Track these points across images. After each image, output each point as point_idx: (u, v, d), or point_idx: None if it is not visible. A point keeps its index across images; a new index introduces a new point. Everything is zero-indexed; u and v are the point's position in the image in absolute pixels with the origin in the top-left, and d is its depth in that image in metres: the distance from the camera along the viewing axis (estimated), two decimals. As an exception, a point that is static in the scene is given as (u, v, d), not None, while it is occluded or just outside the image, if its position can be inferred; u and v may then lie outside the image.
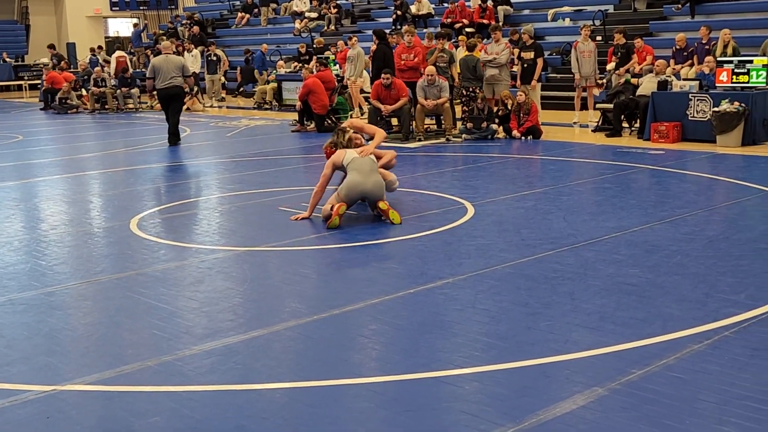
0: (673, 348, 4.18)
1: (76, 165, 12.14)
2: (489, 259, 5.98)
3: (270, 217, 7.70)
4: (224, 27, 30.33)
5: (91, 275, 5.88)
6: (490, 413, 3.51)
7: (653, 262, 5.79)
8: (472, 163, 10.99)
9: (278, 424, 3.49)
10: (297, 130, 15.54)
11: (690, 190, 8.71)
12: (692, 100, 12.36)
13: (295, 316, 4.85)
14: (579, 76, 14.67)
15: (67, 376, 4.02)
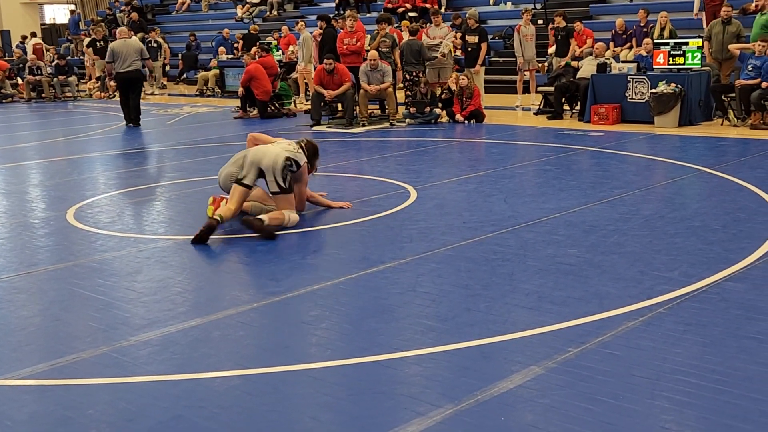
0: (609, 326, 4.25)
1: (11, 155, 11.85)
2: (431, 243, 6.00)
3: (211, 205, 7.61)
4: (164, 13, 29.84)
5: (25, 267, 5.75)
6: (430, 395, 3.53)
7: (591, 242, 5.88)
8: (416, 147, 11.01)
9: (216, 412, 3.45)
10: (240, 117, 15.40)
11: (628, 170, 8.85)
12: (630, 82, 12.56)
13: (234, 304, 4.81)
14: (522, 59, 14.79)
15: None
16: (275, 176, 6.44)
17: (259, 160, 6.47)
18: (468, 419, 3.31)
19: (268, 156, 6.47)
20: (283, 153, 6.51)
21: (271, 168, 6.44)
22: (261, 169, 6.48)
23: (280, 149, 6.57)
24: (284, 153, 6.52)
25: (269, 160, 6.44)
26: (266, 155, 6.48)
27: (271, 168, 6.44)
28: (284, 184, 6.46)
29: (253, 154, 6.53)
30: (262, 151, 6.53)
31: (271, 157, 6.46)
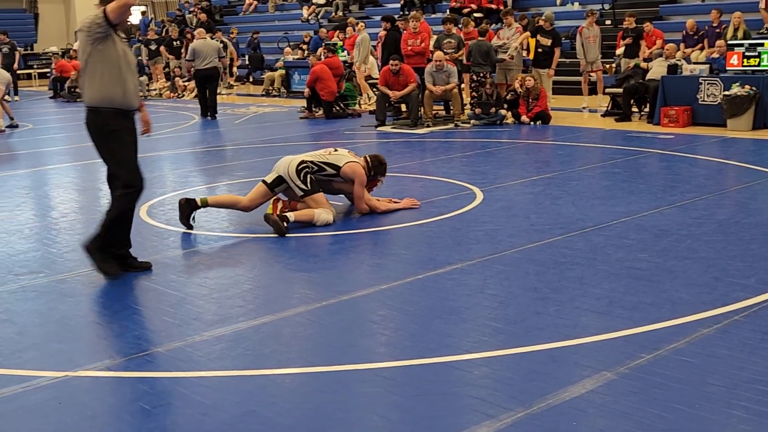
0: (683, 332, 4.18)
1: (85, 153, 12.14)
2: (498, 245, 5.98)
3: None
4: (232, 14, 30.29)
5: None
6: (499, 398, 3.52)
7: (662, 247, 5.78)
8: (481, 148, 10.97)
9: (287, 408, 3.51)
10: (305, 117, 15.54)
11: (700, 174, 8.68)
12: (702, 83, 12.30)
13: (304, 302, 4.86)
14: (585, 61, 14.61)
15: (78, 363, 4.05)
16: (293, 181, 6.76)
17: (278, 167, 6.89)
18: (539, 423, 3.29)
19: (283, 163, 6.88)
20: (297, 158, 6.87)
21: (286, 174, 6.80)
22: (280, 176, 6.85)
23: (297, 157, 6.92)
24: (299, 158, 6.88)
25: (284, 166, 6.85)
26: (282, 163, 6.89)
27: (286, 174, 6.80)
28: (307, 186, 6.75)
29: (279, 162, 6.95)
30: (281, 160, 6.94)
31: (285, 164, 6.86)
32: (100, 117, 5.27)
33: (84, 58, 5.26)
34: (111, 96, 5.24)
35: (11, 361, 4.11)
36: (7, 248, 6.37)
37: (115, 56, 5.24)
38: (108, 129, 5.28)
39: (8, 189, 9.08)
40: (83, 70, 5.29)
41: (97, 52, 5.20)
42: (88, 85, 5.26)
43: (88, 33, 5.17)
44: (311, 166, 6.85)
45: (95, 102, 5.25)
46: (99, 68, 5.21)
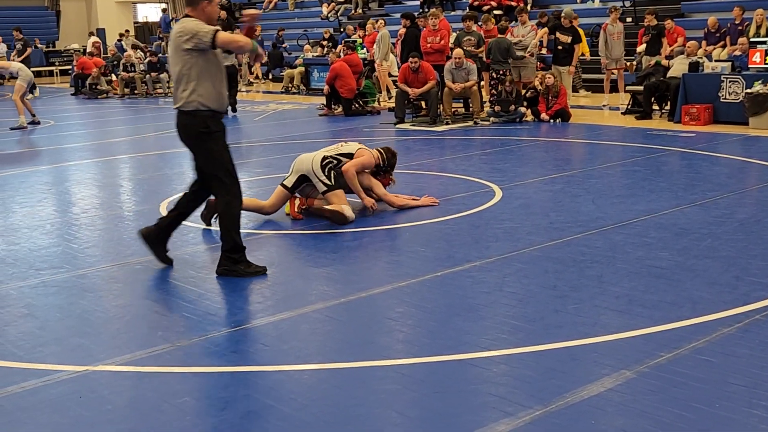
0: (703, 331, 4.15)
1: (106, 149, 12.25)
2: (516, 243, 5.96)
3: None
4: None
5: (121, 258, 5.95)
6: (518, 395, 3.51)
7: (683, 246, 5.74)
8: (500, 146, 10.94)
9: (306, 404, 3.51)
10: (324, 114, 15.56)
11: (721, 172, 8.61)
12: (724, 81, 12.20)
13: (322, 299, 4.87)
14: (608, 58, 14.54)
15: (99, 357, 4.08)
16: (317, 176, 6.77)
17: (299, 167, 6.88)
18: (558, 421, 3.28)
19: (305, 162, 6.88)
20: (320, 154, 6.90)
21: (310, 170, 6.81)
22: (303, 176, 6.85)
23: (317, 153, 6.95)
24: (321, 153, 6.91)
25: (306, 164, 6.86)
26: (304, 161, 6.90)
27: (310, 170, 6.81)
28: (330, 181, 6.77)
29: (297, 163, 6.93)
30: (301, 159, 6.94)
31: (307, 161, 6.87)
32: (197, 120, 5.29)
33: (180, 63, 5.25)
34: (209, 100, 5.28)
35: (32, 355, 4.14)
36: (28, 243, 6.43)
37: (213, 62, 5.31)
38: (207, 131, 5.31)
39: (30, 185, 9.16)
40: (179, 75, 5.28)
41: (195, 59, 5.23)
42: (186, 90, 5.25)
43: (188, 41, 5.19)
44: (332, 160, 6.90)
45: (193, 106, 5.26)
46: (197, 74, 5.24)
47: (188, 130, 5.36)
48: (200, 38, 5.17)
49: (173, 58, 5.31)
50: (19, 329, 4.52)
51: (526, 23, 14.76)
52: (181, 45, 5.22)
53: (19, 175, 9.85)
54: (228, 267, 5.35)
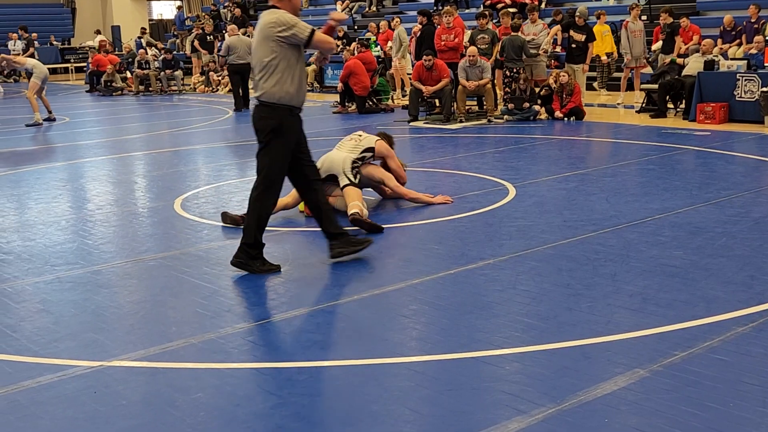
0: (717, 330, 4.13)
1: (121, 146, 12.31)
2: (530, 241, 5.95)
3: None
4: (266, 8, 30.40)
5: (136, 254, 5.98)
6: (531, 393, 3.51)
7: (697, 244, 5.72)
8: (514, 144, 10.92)
9: (319, 400, 3.52)
10: (338, 112, 15.57)
11: (736, 171, 8.57)
12: (740, 80, 12.13)
13: (336, 296, 4.89)
14: (630, 56, 14.46)
15: (113, 353, 4.11)
16: (346, 175, 6.82)
17: (329, 167, 6.90)
18: (570, 419, 3.28)
19: (336, 163, 6.90)
20: (349, 157, 6.94)
21: (341, 171, 6.84)
22: (330, 176, 6.88)
23: (346, 154, 6.98)
24: (350, 156, 6.95)
25: (338, 167, 6.88)
26: (334, 163, 6.91)
27: (341, 171, 6.84)
28: (355, 180, 6.82)
29: (325, 164, 6.92)
30: (331, 160, 6.95)
31: (338, 164, 6.89)
32: (275, 114, 5.33)
33: (268, 54, 5.26)
34: (289, 94, 5.33)
35: (47, 350, 4.17)
36: (44, 240, 6.47)
37: (299, 58, 5.37)
38: (279, 128, 5.34)
39: (45, 181, 9.22)
40: (265, 65, 5.28)
41: (284, 51, 5.26)
42: (268, 81, 5.27)
43: (283, 32, 5.22)
44: (359, 161, 6.98)
45: (274, 98, 5.29)
46: (283, 67, 5.26)
47: (264, 123, 5.37)
48: (297, 33, 5.22)
49: (261, 47, 5.29)
50: (34, 324, 4.56)
51: (536, 22, 14.73)
52: (273, 35, 5.23)
53: (35, 172, 9.91)
54: (243, 260, 5.37)
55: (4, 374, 3.89)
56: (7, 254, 6.07)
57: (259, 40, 5.32)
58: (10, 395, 3.66)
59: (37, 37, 31.35)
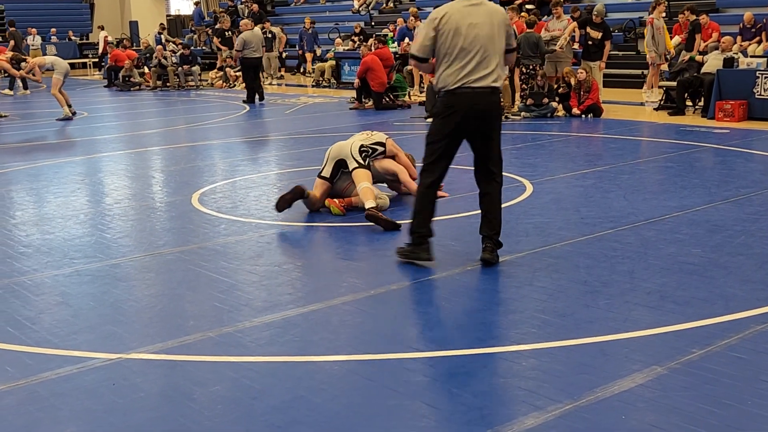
0: (736, 328, 4.11)
1: (139, 141, 12.37)
2: (547, 237, 5.94)
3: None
4: (283, 4, 30.48)
5: (154, 248, 6.02)
6: (548, 390, 3.51)
7: (716, 242, 5.69)
8: (531, 141, 10.89)
9: (336, 395, 3.54)
10: (355, 108, 15.58)
11: (756, 169, 8.51)
12: (760, 77, 12.05)
13: (352, 291, 4.89)
14: (655, 53, 14.35)
15: (131, 345, 4.14)
16: (354, 157, 6.91)
17: (337, 153, 7.00)
18: (587, 416, 3.27)
19: (343, 147, 7.01)
20: (356, 142, 7.06)
21: (348, 154, 6.94)
22: (339, 161, 6.97)
23: (353, 140, 7.11)
24: (357, 141, 7.07)
25: (345, 150, 6.98)
26: (341, 147, 7.03)
27: (348, 154, 6.94)
28: (363, 161, 6.92)
29: (333, 150, 7.05)
30: (338, 146, 7.06)
31: (345, 148, 7.00)
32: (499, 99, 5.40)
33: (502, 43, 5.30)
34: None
35: (67, 342, 4.21)
36: (63, 233, 6.52)
37: None
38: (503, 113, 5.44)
39: (64, 175, 9.28)
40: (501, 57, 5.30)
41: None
42: (498, 69, 5.29)
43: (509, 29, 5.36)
44: (368, 149, 7.04)
45: (500, 84, 5.34)
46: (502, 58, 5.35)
47: (498, 109, 5.40)
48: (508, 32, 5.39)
49: (500, 38, 5.28)
50: (53, 317, 4.60)
51: (560, 17, 14.65)
52: (507, 29, 5.33)
53: (54, 166, 9.98)
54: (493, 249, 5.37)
55: (23, 366, 3.93)
56: (27, 247, 6.12)
57: (498, 30, 5.27)
58: (29, 386, 3.69)
59: (56, 32, 31.55)
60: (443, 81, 5.29)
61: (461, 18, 5.23)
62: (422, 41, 5.34)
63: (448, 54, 5.24)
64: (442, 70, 5.28)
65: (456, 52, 5.21)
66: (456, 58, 5.22)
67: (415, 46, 5.44)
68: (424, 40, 5.32)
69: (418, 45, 5.39)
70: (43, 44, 28.82)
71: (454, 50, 5.22)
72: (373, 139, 7.20)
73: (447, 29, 5.23)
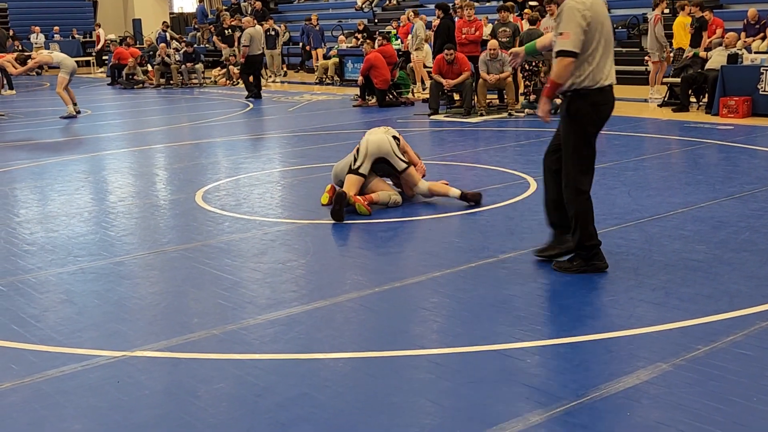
0: (740, 325, 4.10)
1: (142, 139, 12.38)
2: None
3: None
4: (287, 2, 30.46)
5: (157, 246, 6.02)
6: (552, 386, 3.50)
7: (720, 239, 5.68)
8: (535, 137, 10.88)
9: (340, 392, 3.53)
10: (358, 105, 15.57)
11: (760, 165, 8.49)
12: (764, 73, 12.01)
13: (356, 288, 4.89)
14: (668, 49, 14.30)
15: (135, 343, 4.14)
16: (397, 156, 6.94)
17: (377, 149, 6.93)
18: (592, 413, 3.27)
19: (382, 144, 6.95)
20: (389, 133, 7.10)
21: (390, 152, 6.93)
22: (379, 158, 6.92)
23: (383, 133, 7.09)
24: (389, 132, 7.11)
25: (385, 146, 6.94)
26: (381, 144, 6.95)
27: (390, 152, 6.93)
28: (405, 159, 7.00)
29: (370, 147, 6.94)
30: (375, 142, 6.96)
31: (385, 143, 6.96)
32: None
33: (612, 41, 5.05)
34: None
35: (71, 340, 4.21)
36: (67, 231, 6.53)
37: None
38: None
39: (68, 173, 9.29)
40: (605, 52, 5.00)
41: None
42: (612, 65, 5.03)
43: None
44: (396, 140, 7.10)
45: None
46: None
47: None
48: None
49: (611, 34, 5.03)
50: (58, 314, 4.60)
51: (555, 14, 14.62)
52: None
53: (58, 164, 9.99)
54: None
55: (28, 363, 3.93)
56: (31, 245, 6.13)
57: (610, 28, 5.02)
58: (34, 384, 3.70)
59: (59, 30, 31.56)
60: (591, 78, 4.89)
61: (601, 7, 4.90)
62: (578, 34, 4.79)
63: (595, 49, 4.87)
64: (589, 66, 4.87)
65: (603, 45, 4.88)
66: (604, 52, 4.89)
67: (570, 41, 4.80)
68: (579, 34, 4.80)
69: (575, 40, 4.79)
70: (46, 42, 28.82)
71: (600, 44, 4.86)
72: (392, 132, 7.20)
73: (595, 21, 4.83)
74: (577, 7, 4.81)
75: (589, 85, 4.91)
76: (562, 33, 4.85)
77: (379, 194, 6.92)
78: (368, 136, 7.06)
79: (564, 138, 5.14)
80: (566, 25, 4.82)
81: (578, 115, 5.03)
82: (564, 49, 4.85)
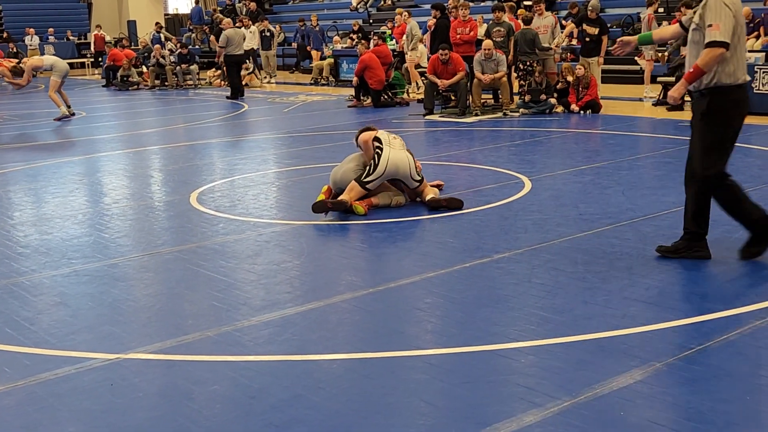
0: (734, 324, 4.11)
1: (137, 140, 12.36)
2: (546, 234, 5.93)
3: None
4: (281, 3, 30.45)
5: (152, 248, 6.01)
6: (547, 386, 3.51)
7: (715, 238, 5.67)
8: (530, 137, 10.89)
9: (334, 393, 3.53)
10: (353, 106, 15.57)
11: (754, 164, 8.50)
12: (758, 72, 12.03)
13: (350, 289, 4.89)
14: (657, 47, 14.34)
15: (129, 345, 4.13)
16: (412, 177, 6.92)
17: (395, 170, 6.87)
18: (586, 412, 3.27)
19: (402, 165, 6.88)
20: (410, 157, 6.98)
21: (407, 174, 6.90)
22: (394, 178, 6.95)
23: (404, 153, 6.98)
24: (410, 156, 6.99)
25: (404, 168, 6.89)
26: (400, 165, 6.88)
27: (407, 174, 6.90)
28: (420, 176, 6.97)
29: (389, 168, 6.84)
30: (395, 163, 6.86)
31: (404, 164, 6.89)
32: None
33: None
34: None
35: (65, 342, 4.20)
36: (61, 233, 6.51)
37: None
38: None
39: (62, 175, 9.27)
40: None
41: None
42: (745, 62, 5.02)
43: None
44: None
45: None
46: None
47: None
48: None
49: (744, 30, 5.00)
50: (52, 317, 4.59)
51: (543, 14, 14.62)
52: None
53: (52, 166, 9.97)
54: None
55: (22, 366, 3.93)
56: (25, 248, 6.11)
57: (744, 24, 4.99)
58: (28, 387, 3.69)
59: (54, 32, 31.50)
60: (733, 74, 4.90)
61: (740, 4, 4.88)
62: (728, 25, 4.79)
63: (735, 45, 4.83)
64: (729, 62, 4.86)
65: (741, 42, 4.87)
66: (741, 49, 4.87)
67: (721, 33, 4.79)
68: (729, 25, 4.79)
69: (726, 31, 4.78)
70: (41, 44, 28.78)
71: (740, 40, 4.86)
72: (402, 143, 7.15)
73: (737, 16, 4.82)
74: (725, 1, 4.83)
75: (730, 82, 4.93)
76: (712, 24, 4.84)
77: (379, 197, 6.92)
78: (389, 152, 6.86)
79: (702, 134, 5.15)
80: (716, 17, 4.82)
81: (722, 111, 5.05)
82: (716, 40, 4.83)
